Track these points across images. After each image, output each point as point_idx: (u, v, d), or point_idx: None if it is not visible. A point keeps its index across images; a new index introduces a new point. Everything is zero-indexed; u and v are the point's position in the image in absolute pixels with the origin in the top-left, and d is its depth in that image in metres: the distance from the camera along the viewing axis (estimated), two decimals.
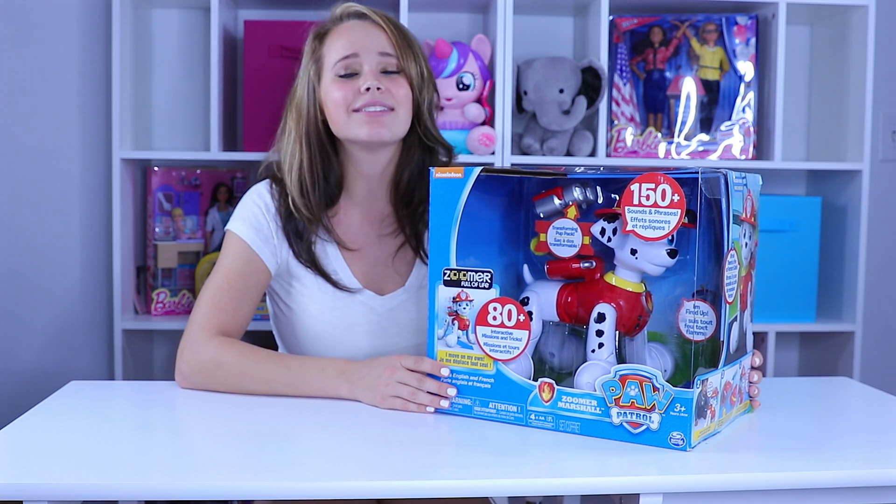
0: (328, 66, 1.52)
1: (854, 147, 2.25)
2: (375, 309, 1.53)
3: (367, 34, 1.51)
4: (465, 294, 1.28)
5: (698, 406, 1.15)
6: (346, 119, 1.49)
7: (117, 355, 2.11)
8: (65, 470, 1.08)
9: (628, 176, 1.16)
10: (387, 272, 1.56)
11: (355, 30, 1.52)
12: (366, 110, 1.48)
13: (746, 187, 1.22)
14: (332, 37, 1.53)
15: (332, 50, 1.52)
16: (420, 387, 1.31)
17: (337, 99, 1.49)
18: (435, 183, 1.30)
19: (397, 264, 1.56)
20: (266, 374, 1.39)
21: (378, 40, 1.51)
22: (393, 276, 1.55)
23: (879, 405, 1.45)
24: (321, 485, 1.05)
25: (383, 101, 1.49)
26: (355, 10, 1.54)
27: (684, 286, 1.18)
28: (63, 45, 2.26)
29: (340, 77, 1.50)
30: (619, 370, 1.18)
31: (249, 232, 1.51)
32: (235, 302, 1.48)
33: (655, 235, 1.15)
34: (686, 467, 1.11)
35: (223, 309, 1.47)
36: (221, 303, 1.47)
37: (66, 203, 2.29)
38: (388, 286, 1.55)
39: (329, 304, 1.52)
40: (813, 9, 2.26)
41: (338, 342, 1.51)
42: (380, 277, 1.55)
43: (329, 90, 1.51)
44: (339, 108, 1.49)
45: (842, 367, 2.28)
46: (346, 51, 1.50)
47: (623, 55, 2.24)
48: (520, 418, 1.26)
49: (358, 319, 1.52)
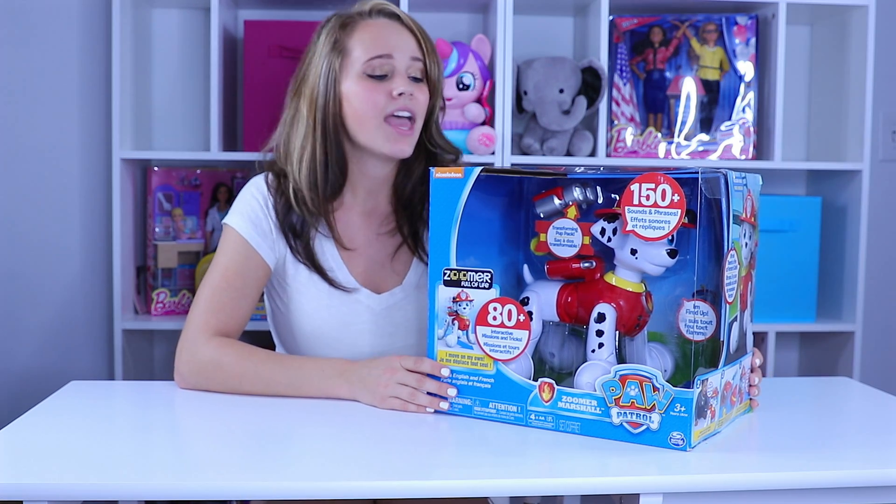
0: (356, 61, 1.47)
1: (854, 147, 2.25)
2: (372, 308, 1.52)
3: (400, 37, 1.49)
4: (465, 294, 1.28)
5: (698, 406, 1.14)
6: (375, 126, 1.47)
7: (117, 355, 2.11)
8: (65, 470, 1.08)
9: (628, 176, 1.17)
10: (384, 271, 1.55)
11: (388, 29, 1.50)
12: (395, 117, 1.47)
13: (746, 187, 1.22)
14: (362, 31, 1.49)
15: (363, 45, 1.48)
16: (420, 387, 1.31)
17: (367, 101, 1.46)
18: (435, 183, 1.30)
19: (395, 264, 1.55)
20: (265, 374, 1.39)
21: (409, 44, 1.50)
22: (390, 275, 1.55)
23: (879, 405, 1.45)
24: (321, 485, 1.05)
25: (412, 108, 1.48)
26: (388, 9, 1.52)
27: (685, 286, 1.18)
28: (63, 45, 2.26)
29: (370, 77, 1.47)
30: (619, 370, 1.18)
31: (247, 227, 1.49)
32: (234, 301, 1.47)
33: (655, 235, 1.15)
34: (686, 467, 1.11)
35: (221, 308, 1.46)
36: (220, 302, 1.46)
37: (66, 203, 2.29)
38: (385, 285, 1.54)
39: (325, 301, 1.51)
40: (813, 9, 2.26)
41: (334, 341, 1.51)
42: (377, 276, 1.55)
43: (357, 88, 1.47)
44: (368, 112, 1.47)
45: (842, 367, 2.28)
46: (379, 50, 1.47)
47: (623, 55, 2.24)
48: (520, 418, 1.26)
49: (355, 318, 1.51)
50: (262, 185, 1.53)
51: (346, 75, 1.48)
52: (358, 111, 1.47)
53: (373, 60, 1.47)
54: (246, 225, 1.49)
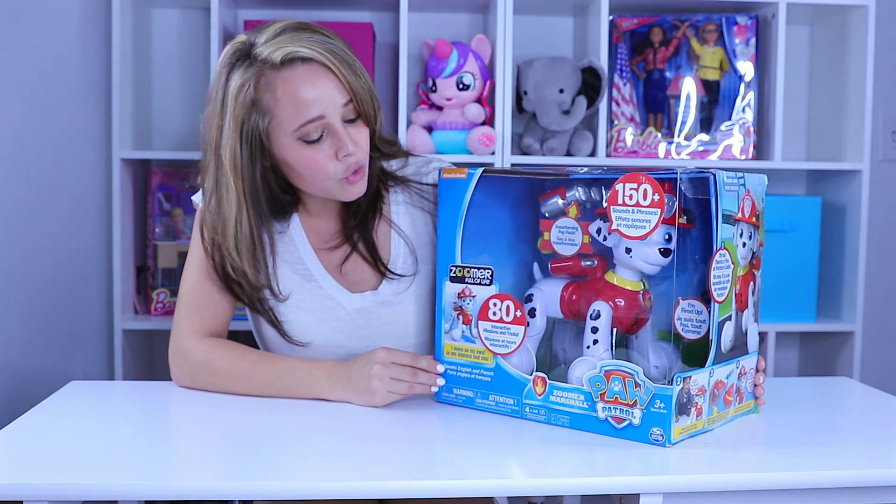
0: (284, 126, 1.34)
1: (854, 147, 2.25)
2: (344, 305, 1.45)
3: (323, 87, 1.33)
4: (468, 290, 1.33)
5: (679, 403, 1.16)
6: (326, 186, 1.38)
7: (117, 355, 2.11)
8: (65, 470, 1.08)
9: (618, 176, 1.19)
10: (350, 279, 1.48)
11: (309, 82, 1.33)
12: (349, 177, 1.38)
13: (744, 187, 1.23)
14: (282, 89, 1.32)
15: (286, 110, 1.33)
16: (414, 380, 1.33)
17: (314, 169, 1.36)
18: (442, 183, 1.35)
19: (351, 273, 1.48)
20: (257, 378, 1.39)
21: (336, 90, 1.34)
22: (360, 279, 1.48)
23: (879, 405, 1.45)
24: (321, 485, 1.05)
25: (360, 160, 1.38)
26: (300, 55, 1.33)
27: (686, 286, 1.18)
28: (63, 45, 2.26)
29: (306, 143, 1.35)
30: (604, 365, 1.20)
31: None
32: (215, 295, 1.44)
33: (637, 234, 1.17)
34: (687, 467, 1.11)
35: (204, 306, 1.44)
36: (201, 299, 1.44)
37: (66, 203, 2.29)
38: (357, 286, 1.47)
39: (297, 297, 1.45)
40: (813, 9, 2.26)
41: (313, 336, 1.45)
42: (345, 280, 1.48)
43: (296, 155, 1.35)
44: (318, 177, 1.37)
45: (842, 367, 2.28)
46: (308, 114, 1.33)
47: (623, 55, 2.24)
48: (516, 411, 1.29)
49: (328, 315, 1.45)
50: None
51: (276, 139, 1.36)
52: (305, 175, 1.38)
53: (304, 127, 1.33)
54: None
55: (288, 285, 1.45)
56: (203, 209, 1.44)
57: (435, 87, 2.13)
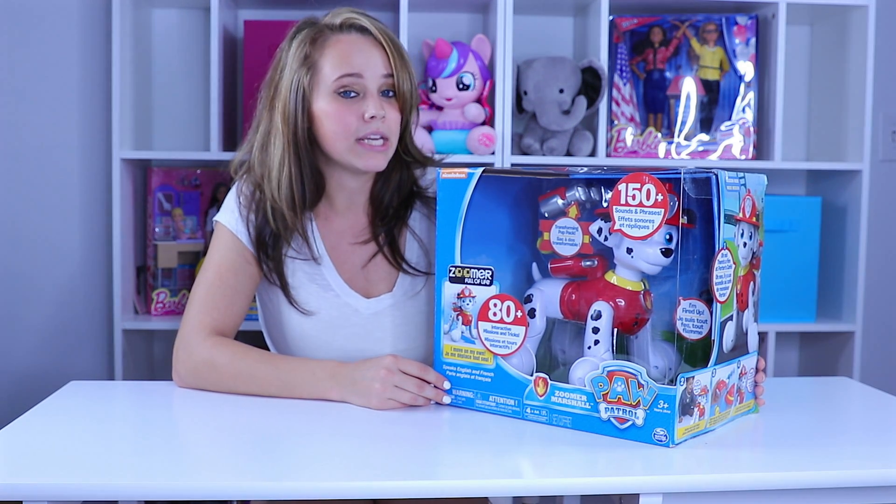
0: (326, 79, 1.45)
1: (854, 147, 2.25)
2: (361, 311, 1.51)
3: (370, 53, 1.46)
4: (468, 291, 1.33)
5: (683, 403, 1.16)
6: (346, 146, 1.45)
7: (117, 355, 2.11)
8: (65, 470, 1.08)
9: (621, 176, 1.19)
10: (370, 277, 1.54)
11: (357, 46, 1.46)
12: (367, 142, 1.45)
13: (745, 187, 1.23)
14: (331, 47, 1.45)
15: (332, 63, 1.44)
16: (419, 392, 1.34)
17: (339, 122, 1.44)
18: (441, 183, 1.35)
19: (378, 271, 1.54)
20: (258, 376, 1.39)
21: (380, 60, 1.46)
22: (376, 282, 1.53)
23: (879, 405, 1.45)
24: (320, 485, 1.05)
25: (384, 132, 1.45)
26: (358, 23, 1.47)
27: (686, 286, 1.18)
28: (63, 45, 2.26)
29: (341, 96, 1.44)
30: (606, 366, 1.20)
31: (239, 224, 1.49)
32: (228, 297, 1.47)
33: (640, 234, 1.17)
34: (686, 467, 1.12)
35: (216, 306, 1.46)
36: (214, 300, 1.46)
37: (66, 203, 2.29)
38: (373, 290, 1.53)
39: (314, 304, 1.50)
40: (813, 9, 2.26)
41: (324, 343, 1.50)
42: (363, 281, 1.53)
43: (328, 108, 1.45)
44: (339, 133, 1.44)
45: (842, 367, 2.28)
46: (349, 68, 1.44)
47: (623, 55, 2.24)
48: (517, 412, 1.29)
49: (344, 321, 1.50)
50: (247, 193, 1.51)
51: (317, 92, 1.45)
52: (329, 131, 1.45)
53: (343, 79, 1.44)
54: (237, 221, 1.49)
55: (306, 296, 1.51)
56: (239, 187, 1.52)
57: (435, 87, 2.13)
